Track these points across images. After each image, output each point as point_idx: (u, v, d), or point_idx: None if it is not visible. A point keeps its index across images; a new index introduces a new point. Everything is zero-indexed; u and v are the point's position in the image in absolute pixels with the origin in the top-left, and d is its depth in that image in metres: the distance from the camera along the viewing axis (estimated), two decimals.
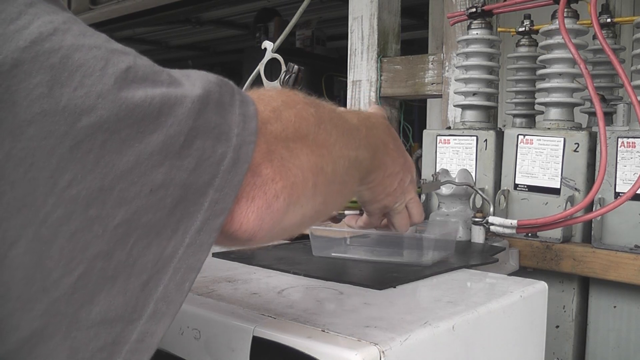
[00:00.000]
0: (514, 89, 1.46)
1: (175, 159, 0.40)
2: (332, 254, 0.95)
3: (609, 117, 1.28)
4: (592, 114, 1.39)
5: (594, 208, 1.06)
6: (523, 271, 1.12)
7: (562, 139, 1.15)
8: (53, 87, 0.37)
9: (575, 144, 1.13)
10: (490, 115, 1.39)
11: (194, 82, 0.44)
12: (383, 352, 0.55)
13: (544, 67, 1.21)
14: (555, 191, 1.15)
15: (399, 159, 0.74)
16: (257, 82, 1.40)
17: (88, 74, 0.38)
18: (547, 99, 1.20)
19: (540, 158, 1.17)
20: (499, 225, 1.04)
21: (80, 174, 0.37)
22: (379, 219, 0.82)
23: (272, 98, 0.51)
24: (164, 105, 0.40)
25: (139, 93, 0.39)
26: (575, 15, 1.18)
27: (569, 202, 1.12)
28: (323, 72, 3.90)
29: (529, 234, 1.15)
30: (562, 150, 1.15)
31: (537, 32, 1.33)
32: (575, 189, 1.13)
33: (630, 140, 1.06)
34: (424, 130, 1.38)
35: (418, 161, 1.66)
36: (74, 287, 0.37)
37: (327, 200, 0.54)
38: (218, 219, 0.42)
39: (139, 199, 0.39)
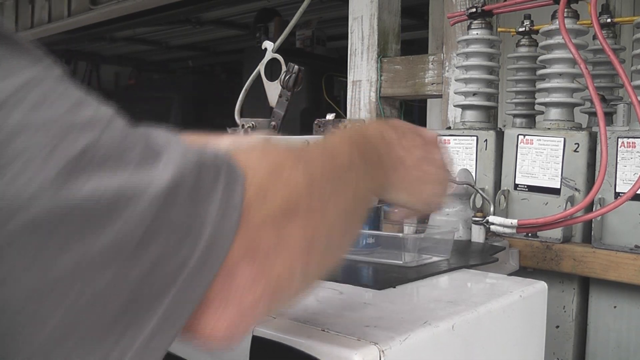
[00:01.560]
0: (514, 89, 1.46)
1: (127, 260, 0.35)
2: None
3: (609, 117, 1.28)
4: (592, 114, 1.39)
5: (594, 208, 1.06)
6: (523, 271, 1.12)
7: (562, 139, 1.15)
8: None
9: (576, 144, 1.13)
10: (490, 116, 1.39)
11: (169, 160, 0.38)
12: (383, 351, 0.55)
13: (544, 67, 1.21)
14: (555, 191, 1.15)
15: (414, 142, 0.67)
16: (258, 81, 1.40)
17: (29, 162, 0.33)
18: (547, 99, 1.20)
19: (541, 158, 1.17)
20: (499, 225, 1.04)
21: (13, 277, 0.33)
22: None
23: (255, 164, 0.45)
24: (120, 197, 0.35)
25: (89, 184, 0.34)
26: (575, 16, 1.18)
27: (569, 202, 1.12)
28: (323, 72, 3.90)
29: (529, 234, 1.15)
30: (562, 151, 1.15)
31: (537, 32, 1.33)
32: (575, 189, 1.13)
33: (631, 140, 1.06)
34: None
35: None
36: None
37: (322, 264, 0.50)
38: (172, 330, 0.38)
39: (79, 304, 0.34)
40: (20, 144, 0.33)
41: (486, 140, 1.25)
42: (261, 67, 1.37)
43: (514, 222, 1.02)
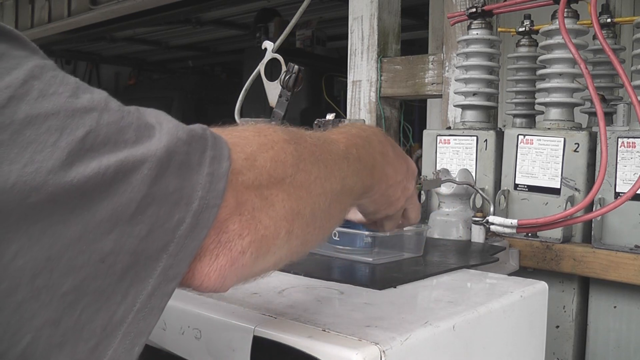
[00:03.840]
0: (514, 89, 1.46)
1: (126, 226, 0.40)
2: None
3: (609, 117, 1.28)
4: (592, 114, 1.39)
5: (594, 208, 1.06)
6: (523, 271, 1.12)
7: (562, 139, 1.15)
8: (2, 164, 0.36)
9: (576, 144, 1.13)
10: (490, 116, 1.40)
11: (162, 136, 0.43)
12: (384, 351, 0.55)
13: (544, 67, 1.22)
14: (556, 191, 1.15)
15: (401, 166, 0.72)
16: (258, 81, 1.40)
17: (39, 149, 0.37)
18: (547, 99, 1.20)
19: (541, 158, 1.17)
20: (499, 225, 1.04)
21: (27, 245, 0.36)
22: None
23: (248, 141, 0.51)
24: (118, 173, 0.39)
25: (92, 164, 0.39)
26: (575, 15, 1.18)
27: (569, 202, 1.12)
28: (323, 72, 3.90)
29: (529, 234, 1.15)
30: (562, 150, 1.15)
31: (537, 32, 1.34)
32: (575, 189, 1.13)
33: (630, 140, 1.07)
34: (424, 131, 1.38)
35: (418, 161, 1.66)
36: (20, 358, 0.36)
37: (307, 239, 0.55)
38: (170, 284, 0.42)
39: (88, 266, 0.38)
40: (29, 135, 0.37)
41: (486, 140, 1.25)
42: (261, 67, 1.37)
43: (514, 222, 1.02)
